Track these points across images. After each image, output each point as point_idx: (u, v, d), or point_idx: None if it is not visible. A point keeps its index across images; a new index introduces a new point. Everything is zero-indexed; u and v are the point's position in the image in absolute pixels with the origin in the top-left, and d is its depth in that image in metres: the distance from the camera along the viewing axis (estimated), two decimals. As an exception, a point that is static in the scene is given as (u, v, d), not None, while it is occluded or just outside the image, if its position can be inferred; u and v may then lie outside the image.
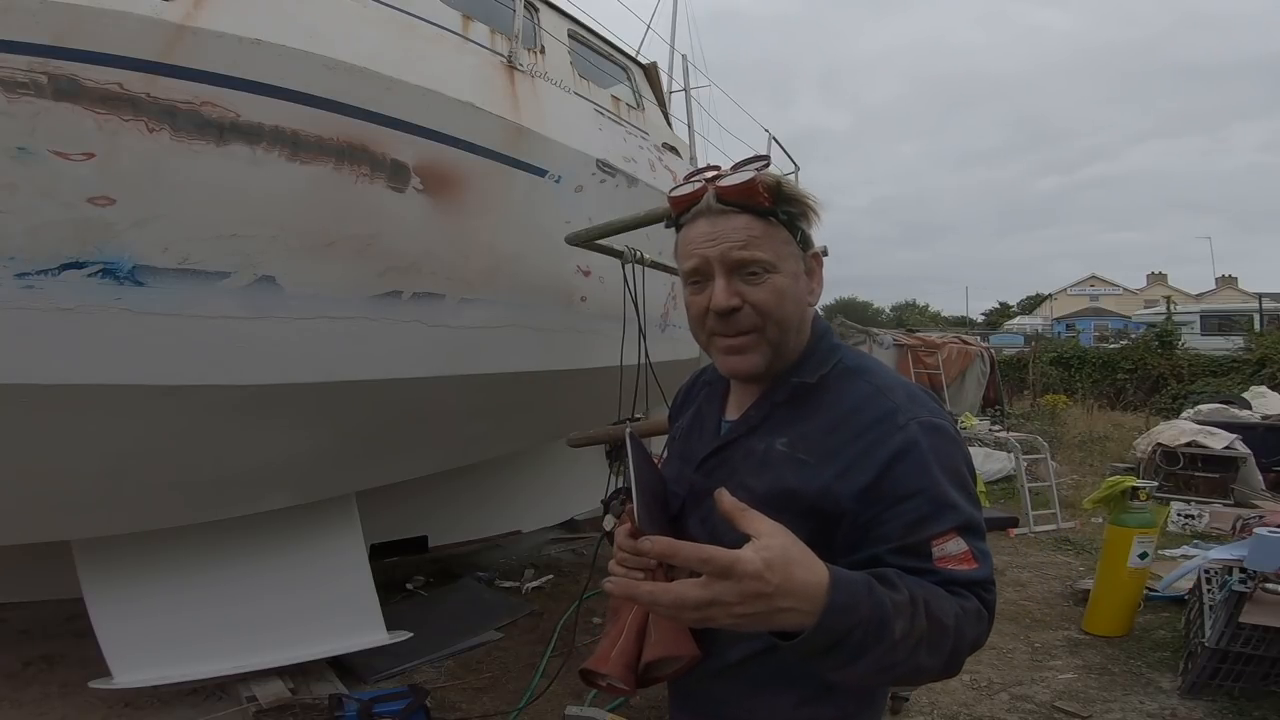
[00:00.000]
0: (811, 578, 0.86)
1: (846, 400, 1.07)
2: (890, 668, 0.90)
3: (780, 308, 1.07)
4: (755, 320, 1.06)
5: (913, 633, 0.90)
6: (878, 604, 0.88)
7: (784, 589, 0.83)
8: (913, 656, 0.91)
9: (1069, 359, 17.74)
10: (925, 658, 0.92)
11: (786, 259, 1.07)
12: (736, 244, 1.04)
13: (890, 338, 12.15)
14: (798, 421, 1.08)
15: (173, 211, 2.33)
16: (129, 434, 2.61)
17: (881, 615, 0.88)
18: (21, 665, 3.60)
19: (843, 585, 0.87)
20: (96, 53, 2.09)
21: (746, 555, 0.83)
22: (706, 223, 1.07)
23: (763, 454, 1.08)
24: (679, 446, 1.26)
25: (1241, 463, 7.38)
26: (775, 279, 1.06)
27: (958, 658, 0.97)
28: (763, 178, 1.05)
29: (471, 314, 3.21)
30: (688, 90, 5.51)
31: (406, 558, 5.12)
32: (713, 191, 1.06)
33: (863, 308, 44.23)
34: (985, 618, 1.00)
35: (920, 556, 0.98)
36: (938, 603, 0.94)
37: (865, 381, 1.09)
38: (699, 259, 1.07)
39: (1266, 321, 19.40)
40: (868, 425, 1.03)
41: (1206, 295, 31.46)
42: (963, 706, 3.48)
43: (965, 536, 1.00)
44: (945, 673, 0.98)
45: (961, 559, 0.99)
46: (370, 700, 3.06)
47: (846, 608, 0.86)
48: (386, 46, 2.74)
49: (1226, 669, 3.42)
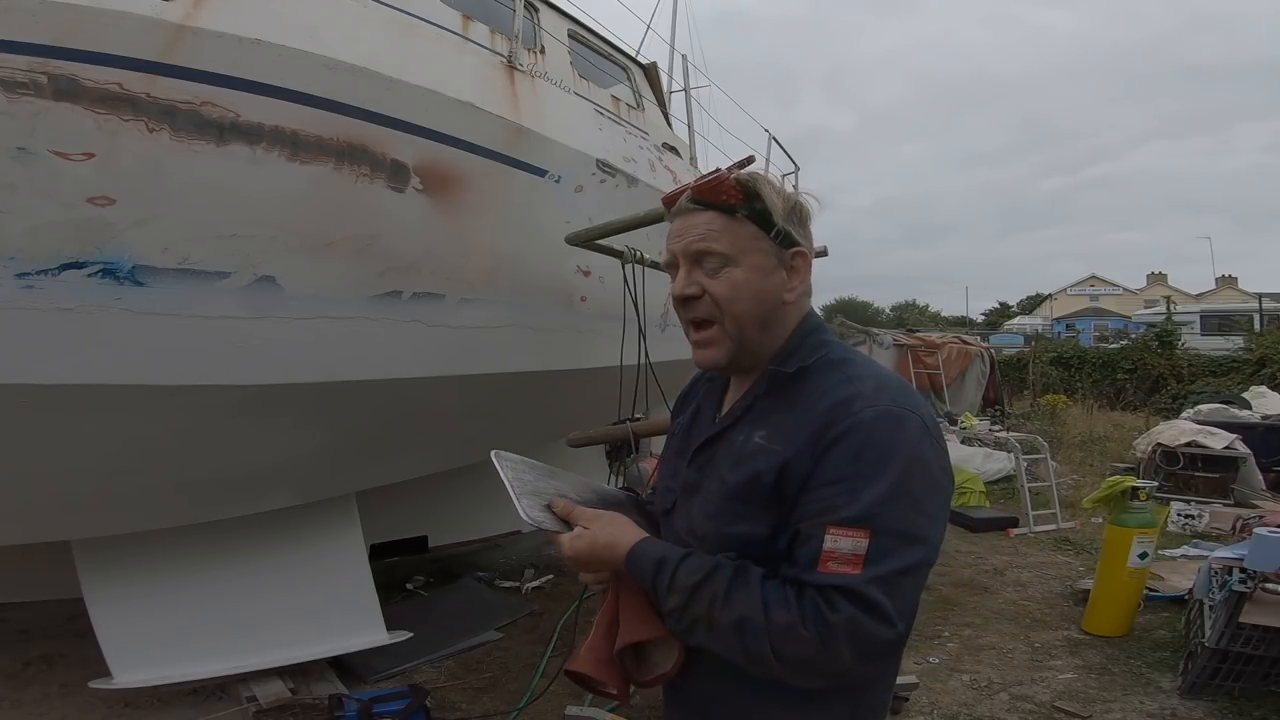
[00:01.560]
0: (614, 553, 1.10)
1: (818, 390, 1.08)
2: (681, 634, 1.06)
3: (736, 300, 1.10)
4: (712, 311, 1.11)
5: (687, 610, 1.03)
6: (659, 575, 1.05)
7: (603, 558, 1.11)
8: (693, 632, 1.04)
9: (1069, 359, 17.74)
10: (706, 638, 1.03)
11: (750, 253, 1.10)
12: (697, 237, 1.11)
13: (890, 338, 12.16)
14: (774, 413, 1.10)
15: (173, 211, 2.33)
16: (129, 434, 2.61)
17: (659, 586, 1.05)
18: (21, 665, 3.59)
19: (639, 555, 1.08)
20: (96, 53, 2.09)
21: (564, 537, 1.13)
22: (680, 220, 1.15)
23: (740, 446, 1.11)
24: (677, 443, 1.29)
25: (1241, 463, 7.38)
26: (733, 272, 1.10)
27: (761, 663, 0.98)
28: (736, 176, 1.10)
29: (471, 314, 3.21)
30: (688, 90, 5.52)
31: (406, 558, 5.13)
32: (689, 192, 1.13)
33: (863, 308, 44.26)
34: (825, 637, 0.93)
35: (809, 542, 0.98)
36: (739, 597, 0.99)
37: (841, 372, 1.09)
38: (669, 252, 1.15)
39: (1266, 321, 19.40)
40: (825, 411, 1.03)
41: (1206, 295, 31.46)
42: (963, 706, 3.48)
43: (863, 536, 0.95)
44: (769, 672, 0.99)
45: (833, 558, 0.95)
46: (370, 700, 3.06)
47: (638, 574, 1.08)
48: (386, 46, 2.74)
49: (1226, 669, 3.41)
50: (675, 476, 1.23)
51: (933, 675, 3.80)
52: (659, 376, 3.11)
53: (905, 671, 3.80)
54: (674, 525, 1.19)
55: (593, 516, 1.14)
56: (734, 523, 1.08)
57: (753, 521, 1.06)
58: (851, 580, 0.94)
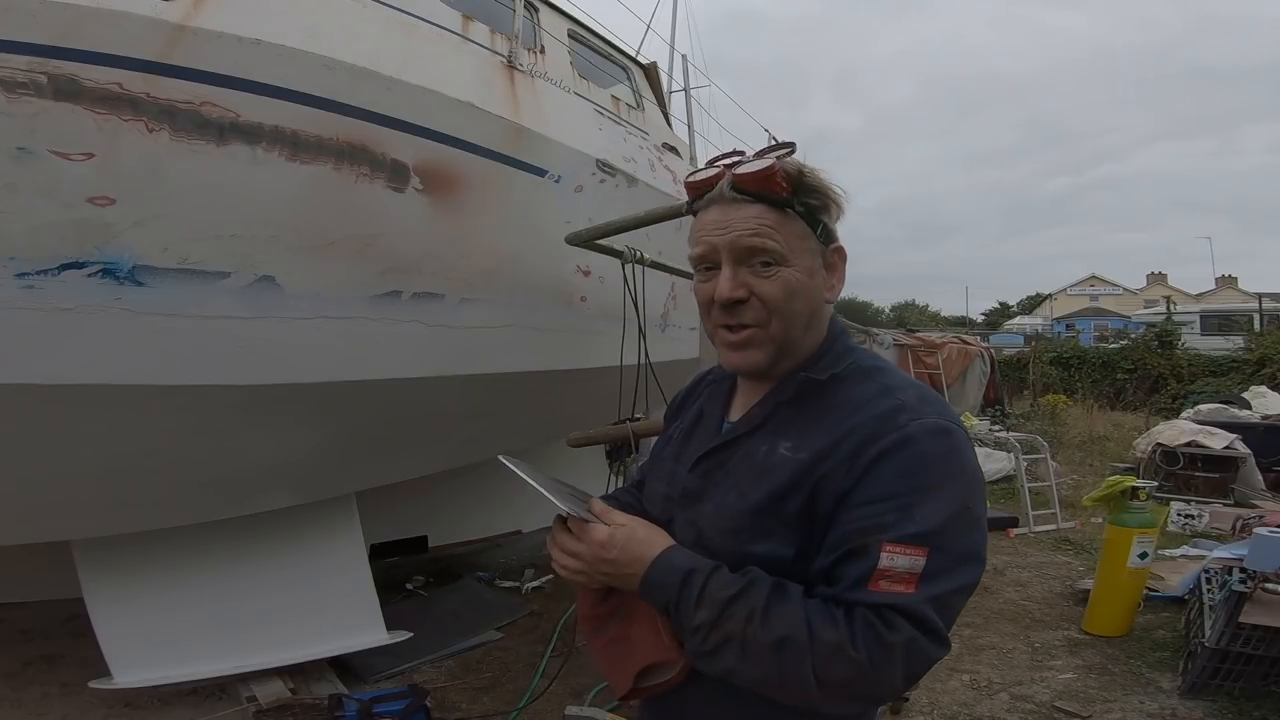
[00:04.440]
0: (645, 552, 1.00)
1: (853, 400, 1.01)
2: (703, 656, 0.95)
3: (789, 303, 1.01)
4: (761, 314, 1.02)
5: (717, 628, 0.93)
6: (687, 589, 0.96)
7: (624, 558, 1.00)
8: (719, 655, 0.93)
9: (1069, 359, 17.76)
10: (734, 662, 0.92)
11: (801, 253, 1.02)
12: (746, 231, 1.00)
13: (890, 338, 12.16)
14: (802, 422, 1.02)
15: (172, 211, 2.33)
16: (129, 434, 2.61)
17: (686, 601, 0.95)
18: (21, 665, 3.59)
19: (661, 565, 0.99)
20: (96, 53, 2.09)
21: (599, 526, 1.02)
22: (719, 210, 1.03)
23: (763, 457, 1.03)
24: (674, 448, 1.20)
25: (1241, 463, 7.38)
26: (786, 272, 1.01)
27: (799, 687, 0.90)
28: (783, 165, 1.00)
29: (471, 314, 3.21)
30: (688, 90, 5.53)
31: (406, 558, 5.13)
32: (728, 178, 1.02)
33: (863, 308, 44.17)
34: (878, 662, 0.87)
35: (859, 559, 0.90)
36: (778, 614, 0.90)
37: (876, 381, 1.03)
38: (707, 245, 1.03)
39: (1266, 321, 19.40)
40: (865, 423, 0.97)
41: (1206, 295, 31.46)
42: (963, 706, 3.48)
43: (919, 554, 0.89)
44: (781, 690, 0.92)
45: (887, 576, 0.89)
46: (370, 700, 3.06)
47: (659, 585, 0.98)
48: (386, 46, 2.74)
49: (1226, 669, 3.41)
50: (672, 483, 1.14)
51: (932, 675, 3.80)
52: (659, 376, 3.11)
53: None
54: (676, 538, 1.06)
55: (629, 517, 1.06)
56: (756, 541, 0.99)
57: (776, 540, 0.98)
58: (907, 600, 0.89)
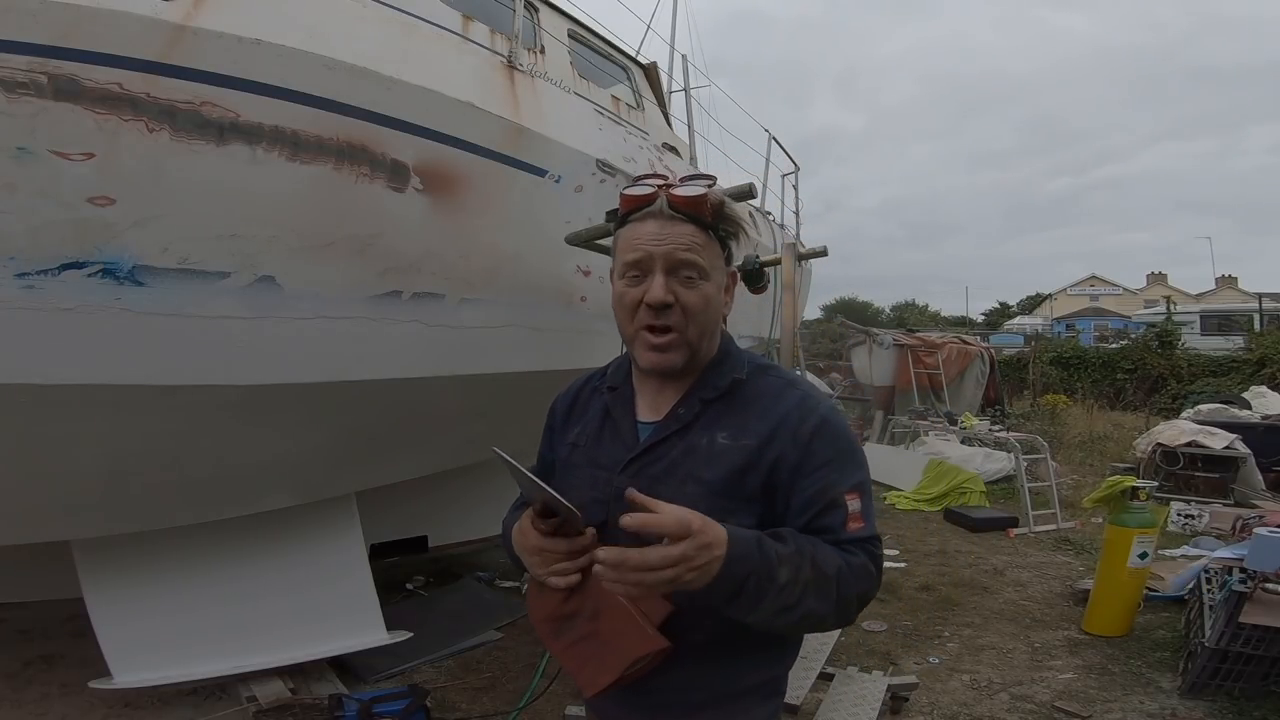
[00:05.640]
0: (721, 531, 1.04)
1: (767, 394, 1.23)
2: (785, 610, 1.07)
3: (704, 312, 1.19)
4: (681, 320, 1.17)
5: (798, 579, 1.07)
6: (765, 554, 1.06)
7: (716, 540, 1.02)
8: (802, 601, 1.08)
9: (1069, 359, 17.76)
10: (814, 602, 1.09)
11: (716, 271, 1.21)
12: (681, 246, 1.16)
13: (890, 338, 12.11)
14: (730, 414, 1.21)
15: (173, 211, 2.33)
16: (129, 434, 2.61)
17: (768, 563, 1.05)
18: (21, 665, 3.59)
19: (737, 539, 1.05)
20: (96, 53, 2.09)
21: (687, 515, 1.01)
22: (656, 224, 1.18)
23: (706, 447, 1.19)
24: (585, 453, 1.30)
25: (1241, 463, 7.39)
26: (705, 286, 1.19)
27: (846, 607, 1.14)
28: (711, 195, 1.18)
29: (471, 314, 3.21)
30: (687, 90, 5.52)
31: (406, 558, 5.12)
32: (665, 197, 1.17)
33: (862, 308, 44.05)
34: (873, 573, 1.17)
35: (834, 510, 1.15)
36: (822, 555, 1.11)
37: (776, 377, 1.27)
38: (644, 253, 1.17)
39: (1266, 321, 19.41)
40: (792, 411, 1.20)
41: (1206, 295, 31.46)
42: (963, 706, 3.48)
43: (862, 498, 1.18)
44: (839, 620, 1.16)
45: (854, 518, 1.16)
46: (370, 700, 3.06)
47: (742, 557, 1.04)
48: (386, 46, 2.73)
49: (1226, 669, 3.42)
50: (600, 486, 1.22)
51: (933, 675, 3.80)
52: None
53: (905, 671, 3.80)
54: (617, 537, 1.08)
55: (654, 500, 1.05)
56: (724, 519, 1.08)
57: (740, 515, 1.14)
58: (868, 530, 1.17)
